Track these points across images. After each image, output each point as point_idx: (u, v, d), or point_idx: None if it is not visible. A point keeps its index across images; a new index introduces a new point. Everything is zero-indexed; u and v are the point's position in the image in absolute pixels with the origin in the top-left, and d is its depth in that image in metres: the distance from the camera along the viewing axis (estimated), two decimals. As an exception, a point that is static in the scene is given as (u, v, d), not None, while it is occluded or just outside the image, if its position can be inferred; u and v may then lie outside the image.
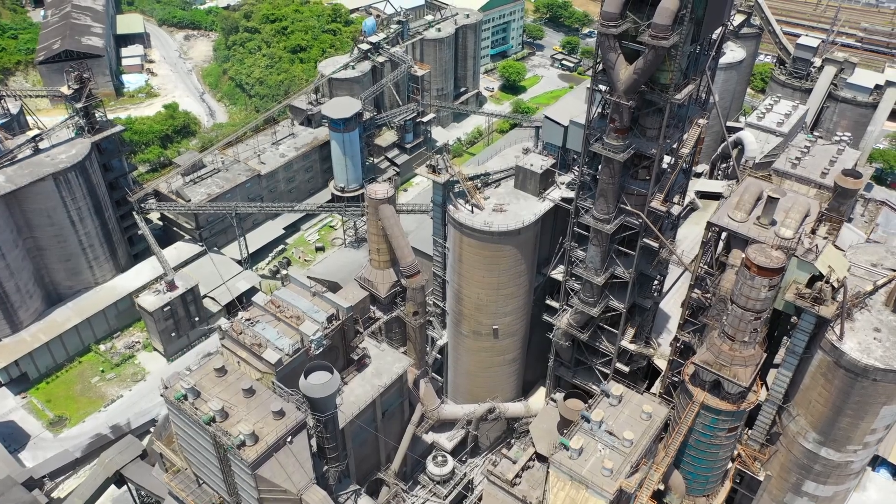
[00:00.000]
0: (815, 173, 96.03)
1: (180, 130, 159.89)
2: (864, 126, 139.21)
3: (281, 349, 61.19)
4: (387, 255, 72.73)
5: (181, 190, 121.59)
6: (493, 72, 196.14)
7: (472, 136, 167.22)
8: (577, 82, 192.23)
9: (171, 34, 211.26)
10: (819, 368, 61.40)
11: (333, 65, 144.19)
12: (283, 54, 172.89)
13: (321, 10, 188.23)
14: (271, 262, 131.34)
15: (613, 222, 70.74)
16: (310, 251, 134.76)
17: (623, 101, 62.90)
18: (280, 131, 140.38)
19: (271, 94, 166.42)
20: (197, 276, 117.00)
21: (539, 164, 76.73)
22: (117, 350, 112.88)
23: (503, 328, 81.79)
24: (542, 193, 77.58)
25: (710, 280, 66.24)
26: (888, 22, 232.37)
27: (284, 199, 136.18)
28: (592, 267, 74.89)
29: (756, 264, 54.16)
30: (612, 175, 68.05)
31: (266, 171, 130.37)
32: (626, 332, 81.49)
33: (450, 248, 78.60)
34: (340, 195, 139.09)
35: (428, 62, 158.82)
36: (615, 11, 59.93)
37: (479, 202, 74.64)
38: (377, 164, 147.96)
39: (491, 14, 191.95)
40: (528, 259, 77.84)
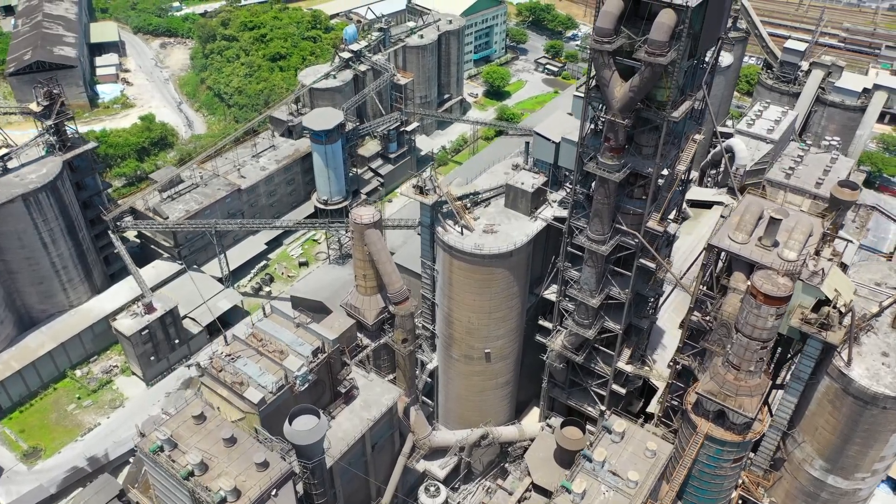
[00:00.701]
0: (809, 183, 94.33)
1: (157, 142, 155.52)
2: (852, 130, 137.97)
3: (264, 387, 57.96)
4: (374, 281, 69.65)
5: (158, 207, 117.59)
6: (476, 77, 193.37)
7: (456, 143, 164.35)
8: (561, 87, 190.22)
9: (146, 42, 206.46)
10: (826, 395, 59.21)
11: (314, 74, 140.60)
12: (263, 62, 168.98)
13: (300, 17, 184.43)
14: (253, 279, 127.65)
15: (609, 243, 68.17)
16: (293, 266, 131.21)
17: (618, 120, 60.27)
18: (260, 143, 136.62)
19: (251, 104, 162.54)
20: (176, 295, 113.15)
21: (530, 183, 73.96)
22: (94, 375, 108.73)
23: (495, 352, 78.99)
24: (533, 212, 74.82)
25: (711, 303, 63.86)
26: (870, 21, 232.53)
27: (266, 213, 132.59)
28: (587, 288, 72.29)
29: (763, 293, 51.75)
30: (608, 195, 65.45)
31: (246, 186, 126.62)
32: (623, 353, 78.99)
33: (439, 270, 75.63)
34: (324, 208, 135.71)
35: (411, 69, 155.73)
36: (609, 27, 57.24)
37: (468, 223, 71.73)
38: (361, 175, 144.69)
39: (473, 19, 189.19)
40: (521, 281, 75.09)
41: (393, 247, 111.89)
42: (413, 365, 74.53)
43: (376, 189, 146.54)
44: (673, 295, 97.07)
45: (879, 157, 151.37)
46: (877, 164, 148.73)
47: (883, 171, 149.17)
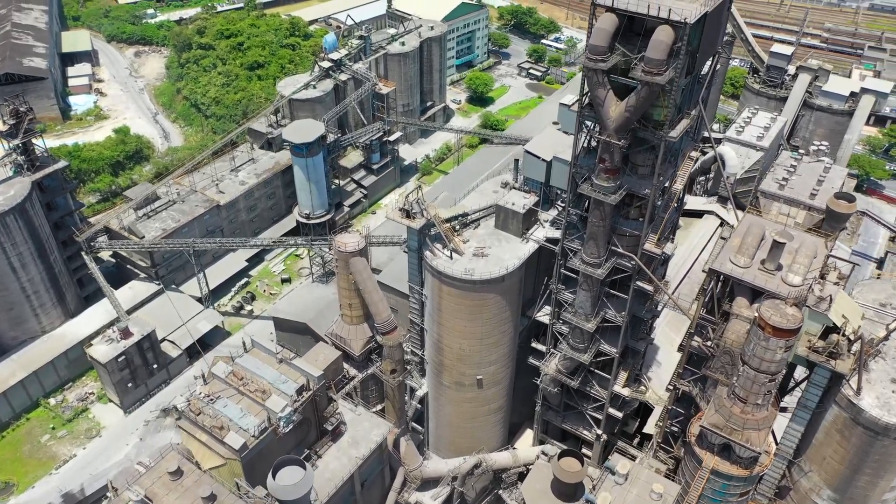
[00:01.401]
0: (803, 194, 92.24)
1: (133, 156, 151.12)
2: (840, 134, 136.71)
3: (246, 430, 54.59)
4: (360, 310, 66.44)
5: (133, 226, 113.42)
6: (459, 83, 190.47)
7: (440, 152, 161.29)
8: (545, 91, 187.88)
9: (120, 51, 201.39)
10: (834, 424, 56.90)
11: (293, 84, 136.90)
12: (240, 72, 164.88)
13: (278, 24, 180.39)
14: (234, 298, 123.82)
15: (605, 266, 65.44)
16: (275, 283, 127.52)
17: (614, 141, 57.52)
18: (239, 156, 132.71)
19: (229, 115, 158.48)
20: (154, 317, 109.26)
21: (521, 203, 71.06)
22: (69, 404, 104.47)
23: (488, 378, 76.06)
24: (524, 234, 71.93)
25: (712, 329, 61.37)
26: (851, 21, 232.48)
27: (246, 228, 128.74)
28: (582, 312, 69.53)
29: (771, 325, 49.22)
30: (603, 217, 62.71)
31: (225, 201, 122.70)
32: (619, 376, 76.39)
33: (427, 295, 72.56)
34: (306, 222, 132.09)
35: (392, 77, 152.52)
36: (603, 45, 54.46)
37: (458, 247, 68.72)
38: (343, 187, 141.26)
39: (455, 24, 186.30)
40: (513, 305, 72.18)
41: (378, 263, 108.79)
42: (403, 395, 71.43)
43: (359, 201, 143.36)
44: (667, 309, 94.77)
45: (866, 159, 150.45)
46: (864, 167, 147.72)
47: (871, 175, 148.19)
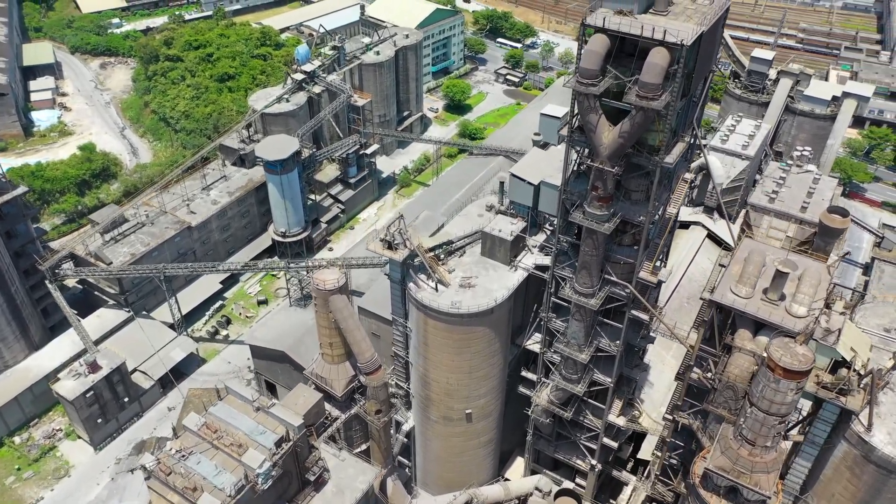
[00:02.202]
0: (794, 207, 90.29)
1: (99, 174, 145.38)
2: (823, 139, 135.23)
3: (221, 489, 50.53)
4: (341, 349, 62.61)
5: (100, 251, 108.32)
6: (436, 91, 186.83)
7: (419, 163, 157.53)
8: (523, 98, 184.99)
9: (85, 62, 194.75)
10: (844, 461, 54.27)
11: (266, 97, 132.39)
12: (210, 84, 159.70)
13: (248, 34, 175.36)
14: (209, 322, 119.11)
15: (598, 296, 62.33)
16: (251, 306, 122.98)
17: (607, 168, 54.38)
18: (210, 174, 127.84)
19: (199, 129, 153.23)
20: (124, 347, 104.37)
21: (508, 230, 67.72)
22: (35, 442, 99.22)
23: (477, 411, 72.68)
24: (513, 261, 68.62)
25: (713, 361, 58.49)
26: (825, 21, 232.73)
27: (219, 249, 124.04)
28: (575, 342, 66.42)
29: (782, 367, 46.29)
30: (596, 246, 59.60)
31: (197, 222, 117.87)
32: (614, 405, 73.40)
33: (412, 328, 68.94)
34: (282, 241, 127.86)
35: (368, 87, 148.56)
36: (594, 68, 51.26)
37: (443, 278, 65.19)
38: (320, 203, 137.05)
39: (430, 30, 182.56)
40: (502, 336, 68.88)
41: (357, 285, 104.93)
42: (389, 435, 67.70)
43: (337, 216, 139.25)
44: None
45: (848, 163, 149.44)
46: (846, 170, 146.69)
47: (853, 178, 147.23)
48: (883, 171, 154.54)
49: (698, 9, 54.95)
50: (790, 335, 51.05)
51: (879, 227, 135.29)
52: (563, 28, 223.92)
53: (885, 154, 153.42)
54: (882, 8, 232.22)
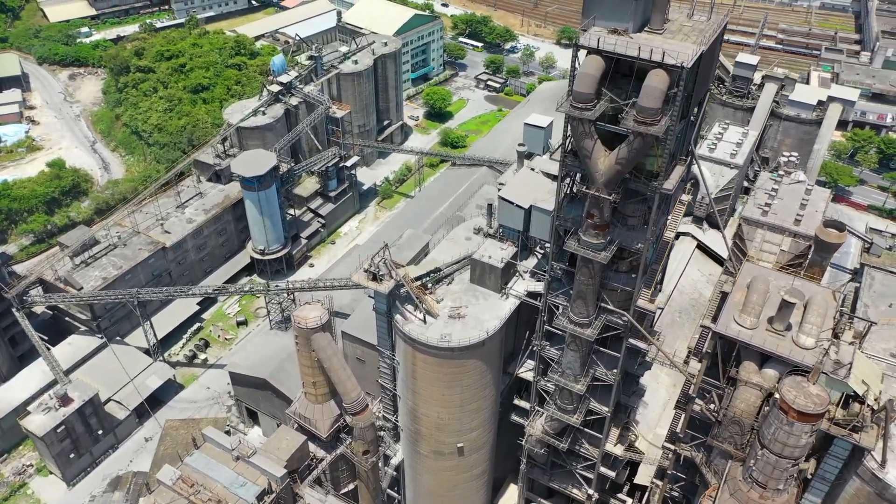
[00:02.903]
0: (787, 220, 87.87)
1: (69, 191, 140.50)
2: (809, 143, 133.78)
3: (199, 551, 47.02)
4: (325, 388, 59.32)
5: (70, 276, 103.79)
6: (416, 98, 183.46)
7: (400, 173, 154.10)
8: (504, 104, 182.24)
9: (53, 74, 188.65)
10: (856, 498, 51.81)
11: (241, 110, 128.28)
12: (183, 95, 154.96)
13: (222, 43, 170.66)
14: (186, 346, 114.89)
15: (595, 325, 59.44)
16: (230, 327, 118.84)
17: (604, 196, 51.46)
18: (185, 191, 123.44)
19: (173, 142, 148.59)
20: (97, 376, 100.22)
21: (499, 257, 64.61)
22: (4, 479, 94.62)
23: (469, 444, 69.50)
24: (503, 289, 65.54)
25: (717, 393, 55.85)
26: (804, 21, 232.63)
27: (196, 269, 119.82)
28: (571, 373, 63.47)
29: (796, 409, 43.63)
30: (592, 275, 56.67)
31: (172, 242, 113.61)
32: (611, 434, 70.59)
33: (400, 361, 65.57)
34: (261, 258, 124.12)
35: (346, 97, 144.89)
36: (589, 91, 48.30)
37: (431, 309, 61.96)
38: (299, 218, 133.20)
39: (409, 36, 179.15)
40: (494, 367, 65.85)
41: (340, 307, 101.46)
42: (377, 476, 64.35)
43: (317, 231, 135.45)
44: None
45: (833, 166, 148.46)
46: (831, 174, 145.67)
47: (838, 182, 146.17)
48: (867, 173, 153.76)
49: (695, 26, 52.29)
50: (801, 371, 48.52)
51: (866, 232, 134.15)
52: (542, 32, 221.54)
53: (870, 157, 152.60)
54: (860, 7, 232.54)
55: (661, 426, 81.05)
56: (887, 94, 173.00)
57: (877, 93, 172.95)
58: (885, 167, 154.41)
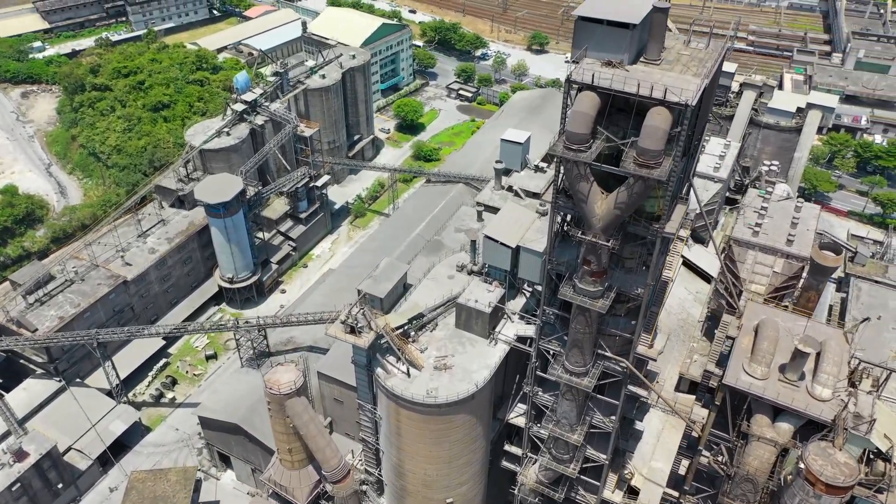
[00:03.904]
0: (779, 240, 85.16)
1: (23, 219, 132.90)
2: (789, 151, 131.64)
3: None
4: (301, 454, 54.53)
5: (23, 317, 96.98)
6: (386, 109, 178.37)
7: (373, 189, 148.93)
8: (477, 114, 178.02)
9: (4, 92, 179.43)
10: (879, 559, 48.20)
11: (204, 131, 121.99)
12: (143, 114, 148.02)
13: (183, 57, 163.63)
14: (152, 384, 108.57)
15: (592, 374, 55.30)
16: (199, 362, 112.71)
17: (602, 242, 47.25)
18: (146, 218, 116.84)
19: (133, 164, 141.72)
20: (56, 423, 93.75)
21: (485, 299, 60.15)
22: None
23: (459, 499, 64.95)
24: (491, 334, 61.09)
25: (727, 448, 52.05)
26: (773, 22, 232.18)
27: (160, 301, 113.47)
28: (566, 422, 59.28)
29: (824, 482, 39.78)
30: (589, 323, 52.49)
31: (133, 275, 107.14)
32: (608, 480, 66.60)
33: (383, 416, 60.75)
34: (229, 287, 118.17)
35: (315, 113, 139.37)
36: (584, 132, 44.08)
37: (415, 361, 57.27)
38: (269, 241, 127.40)
39: (377, 46, 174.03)
40: (484, 419, 61.53)
41: (315, 340, 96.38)
42: (362, 543, 59.54)
43: (289, 255, 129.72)
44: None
45: (812, 171, 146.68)
46: (810, 180, 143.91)
47: (818, 188, 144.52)
48: (846, 177, 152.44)
49: (694, 55, 48.34)
50: (818, 425, 44.85)
51: (848, 239, 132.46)
52: (513, 37, 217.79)
53: (848, 161, 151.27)
54: (828, 7, 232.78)
55: (657, 458, 77.19)
56: (860, 96, 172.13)
57: (850, 95, 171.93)
58: (862, 171, 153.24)
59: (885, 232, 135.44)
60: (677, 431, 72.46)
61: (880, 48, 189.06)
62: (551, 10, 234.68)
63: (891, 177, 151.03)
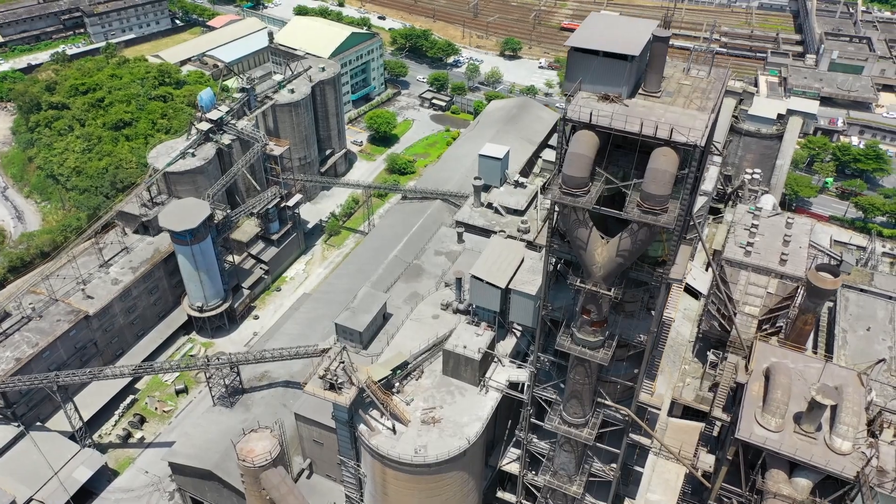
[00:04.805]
0: (772, 260, 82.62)
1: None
2: (771, 158, 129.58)
3: None
4: (281, 526, 49.43)
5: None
6: (358, 121, 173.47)
7: (347, 206, 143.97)
8: (452, 123, 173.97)
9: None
10: None
11: (167, 152, 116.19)
12: (103, 133, 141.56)
13: (144, 72, 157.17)
14: (119, 423, 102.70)
15: (592, 423, 51.52)
16: (169, 397, 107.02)
17: (603, 292, 43.40)
18: (108, 247, 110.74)
19: (94, 186, 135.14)
20: (15, 471, 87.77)
21: (474, 344, 56.08)
22: None
23: (451, 554, 60.63)
24: (482, 380, 57.00)
25: (738, 501, 48.55)
26: (744, 22, 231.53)
27: (126, 335, 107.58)
28: (565, 473, 55.44)
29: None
30: (588, 374, 48.66)
31: (96, 309, 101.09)
32: (608, 526, 62.90)
33: (367, 475, 56.33)
34: (199, 315, 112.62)
35: (284, 129, 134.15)
36: (583, 175, 40.18)
37: (401, 415, 52.95)
38: (240, 265, 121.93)
39: (347, 56, 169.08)
40: (477, 471, 57.47)
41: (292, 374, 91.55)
42: None
43: (261, 279, 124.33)
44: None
45: (792, 177, 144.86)
46: (791, 185, 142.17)
47: (798, 193, 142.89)
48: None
49: (696, 85, 44.76)
50: (841, 484, 41.50)
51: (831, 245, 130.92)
52: (485, 43, 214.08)
53: (827, 165, 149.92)
54: (797, 7, 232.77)
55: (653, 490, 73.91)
56: (836, 98, 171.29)
57: (825, 96, 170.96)
58: (841, 174, 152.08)
59: (867, 237, 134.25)
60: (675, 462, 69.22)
61: (853, 48, 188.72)
62: (522, 15, 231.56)
63: (870, 179, 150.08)
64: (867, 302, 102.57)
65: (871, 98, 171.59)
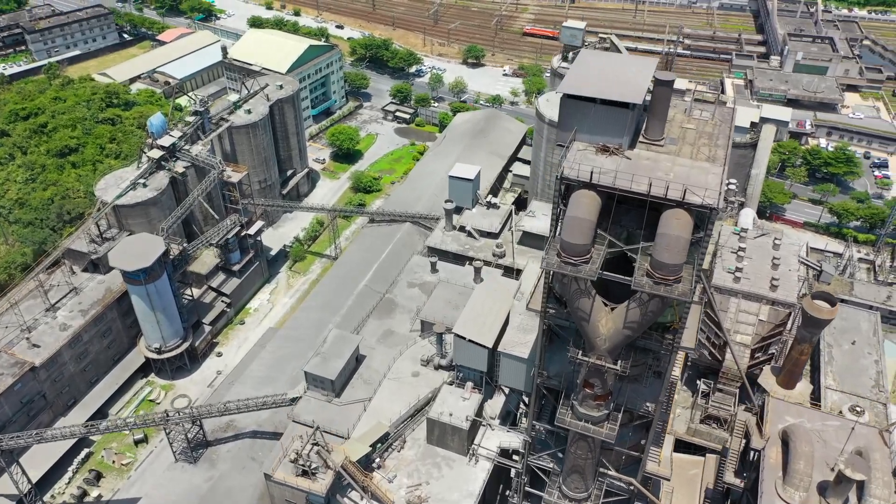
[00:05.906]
0: (762, 285, 78.76)
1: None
2: (744, 167, 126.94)
3: None
4: None
5: None
6: (319, 137, 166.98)
7: (311, 229, 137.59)
8: (417, 136, 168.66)
9: None
10: None
11: (116, 183, 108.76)
12: (47, 161, 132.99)
13: (90, 94, 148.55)
14: (73, 480, 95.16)
15: (594, 497, 46.82)
16: (127, 448, 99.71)
17: (609, 365, 38.65)
18: (55, 288, 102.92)
19: (39, 219, 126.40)
20: (-43, 547, 79.78)
21: (461, 412, 50.94)
22: None
23: None
24: (470, 449, 51.89)
25: (759, 581, 44.30)
26: (706, 23, 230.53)
27: (78, 383, 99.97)
28: (565, 547, 50.61)
29: None
30: (591, 448, 43.91)
31: (43, 359, 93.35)
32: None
33: (348, 560, 50.84)
34: (157, 357, 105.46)
35: (242, 151, 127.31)
36: (584, 243, 35.29)
37: (383, 497, 47.51)
38: (200, 300, 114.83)
39: (305, 70, 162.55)
40: (469, 549, 51.93)
41: (258, 423, 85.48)
42: None
43: (223, 312, 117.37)
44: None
45: (765, 183, 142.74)
46: (764, 192, 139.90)
47: (773, 200, 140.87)
48: (798, 186, 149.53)
49: (701, 129, 40.32)
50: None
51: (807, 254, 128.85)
52: (447, 51, 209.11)
53: (799, 170, 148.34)
54: (758, 6, 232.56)
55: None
56: (802, 100, 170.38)
57: (791, 98, 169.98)
58: (813, 178, 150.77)
59: (844, 243, 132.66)
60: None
61: (816, 49, 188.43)
62: (484, 21, 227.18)
63: (841, 183, 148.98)
64: (850, 314, 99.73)
65: (837, 99, 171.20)
